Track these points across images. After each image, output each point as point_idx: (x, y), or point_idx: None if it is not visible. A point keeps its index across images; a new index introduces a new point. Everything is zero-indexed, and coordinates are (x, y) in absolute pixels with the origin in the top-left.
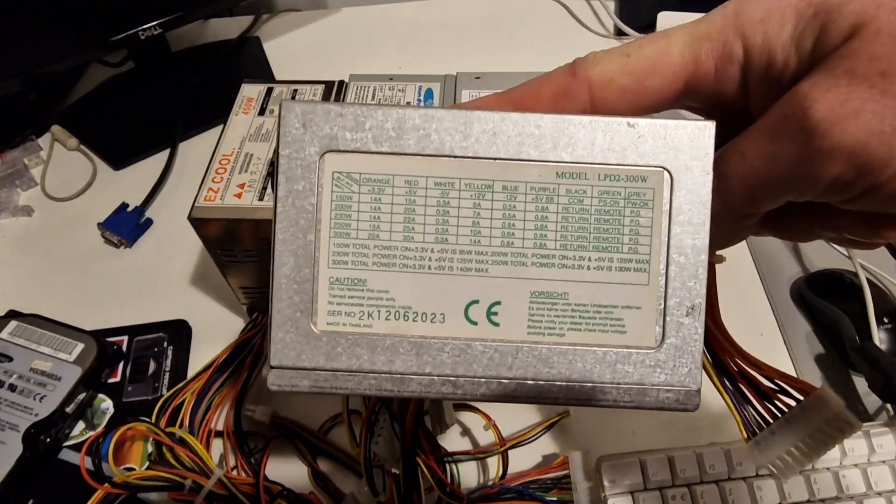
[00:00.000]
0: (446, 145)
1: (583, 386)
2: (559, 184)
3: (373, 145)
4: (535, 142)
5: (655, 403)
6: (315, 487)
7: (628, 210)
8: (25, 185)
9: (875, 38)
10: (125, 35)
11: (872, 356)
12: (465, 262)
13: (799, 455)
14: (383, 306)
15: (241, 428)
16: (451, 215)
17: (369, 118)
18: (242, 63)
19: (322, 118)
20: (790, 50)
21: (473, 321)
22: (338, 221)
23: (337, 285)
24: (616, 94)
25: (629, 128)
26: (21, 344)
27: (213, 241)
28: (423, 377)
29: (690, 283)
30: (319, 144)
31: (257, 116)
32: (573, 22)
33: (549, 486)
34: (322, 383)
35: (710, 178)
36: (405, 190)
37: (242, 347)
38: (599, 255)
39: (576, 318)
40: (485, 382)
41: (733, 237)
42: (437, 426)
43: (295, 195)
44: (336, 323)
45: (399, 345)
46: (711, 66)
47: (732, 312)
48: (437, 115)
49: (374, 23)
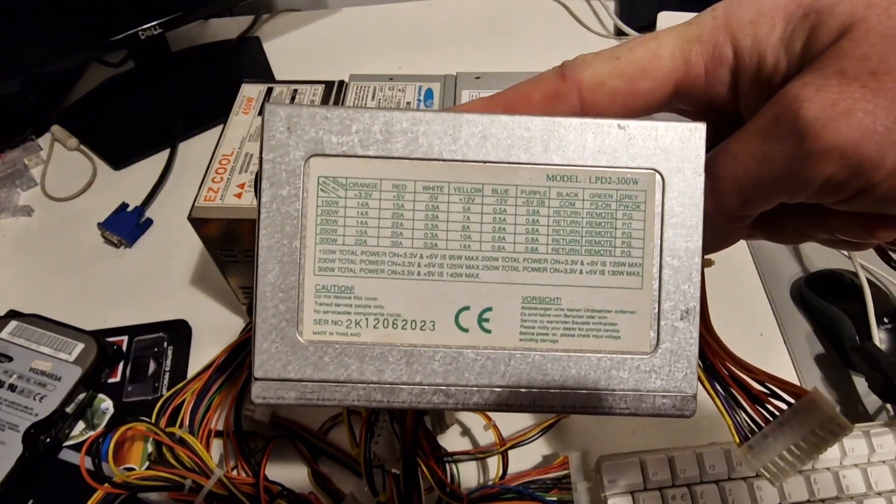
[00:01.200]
0: (435, 148)
1: (577, 393)
2: (550, 187)
3: (359, 149)
4: (525, 144)
5: (652, 410)
6: (315, 487)
7: (620, 213)
8: (25, 185)
9: (865, 38)
10: (125, 35)
11: (872, 356)
12: (456, 268)
13: (792, 458)
14: (371, 314)
15: (241, 428)
16: (441, 220)
17: (356, 121)
18: (242, 63)
19: (307, 122)
20: (780, 51)
21: (464, 328)
22: (324, 227)
23: (323, 293)
24: (606, 97)
25: (620, 130)
26: (21, 344)
27: (213, 241)
28: (413, 387)
29: (684, 286)
30: (305, 148)
31: (257, 116)
32: (573, 22)
33: (549, 486)
34: (309, 395)
35: (701, 179)
36: (393, 194)
37: (242, 347)
38: (592, 258)
39: (569, 323)
40: (477, 391)
41: (726, 240)
42: (437, 426)
43: (280, 200)
44: (323, 332)
45: (388, 354)
46: (702, 68)
47: (732, 312)
48: (426, 118)
49: (374, 23)
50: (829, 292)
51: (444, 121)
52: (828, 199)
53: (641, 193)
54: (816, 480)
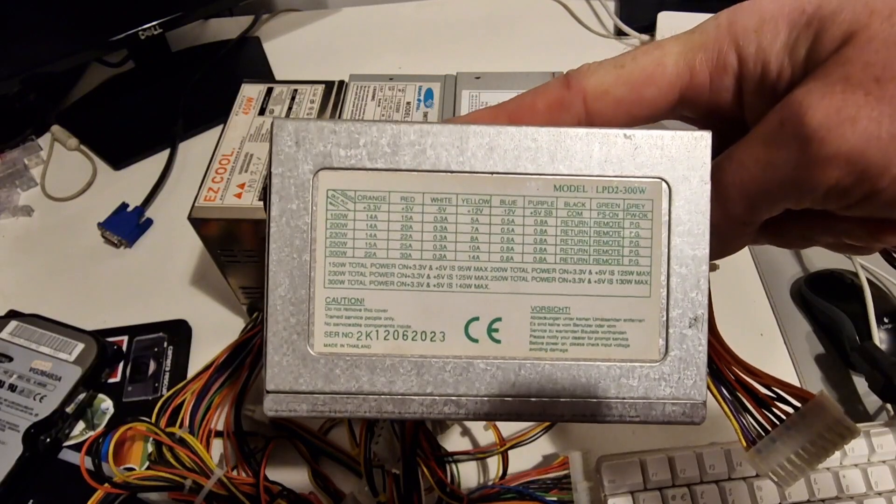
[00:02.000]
0: (442, 160)
1: (587, 402)
2: (557, 197)
3: (368, 162)
4: (533, 155)
5: (662, 417)
6: (315, 487)
7: (628, 222)
8: (25, 185)
9: (868, 45)
10: (125, 35)
11: (872, 356)
12: (465, 279)
13: (800, 462)
14: (382, 326)
15: (241, 428)
16: (449, 231)
17: (364, 134)
18: (242, 63)
19: (315, 135)
20: (784, 58)
21: (474, 338)
22: (333, 240)
23: (334, 305)
24: (611, 106)
25: (626, 139)
26: (21, 344)
27: (213, 241)
28: (424, 398)
29: (692, 293)
30: (313, 162)
31: (257, 116)
32: (573, 22)
33: (549, 486)
34: (321, 407)
35: (708, 187)
36: (402, 206)
37: (242, 347)
38: (600, 268)
39: (578, 332)
40: (488, 401)
41: (732, 246)
42: (437, 426)
43: (289, 214)
44: (334, 344)
45: (399, 365)
46: (706, 75)
47: (732, 313)
48: (433, 130)
49: (374, 23)
50: (830, 292)
51: (451, 132)
52: (833, 204)
53: (648, 202)
54: (816, 480)
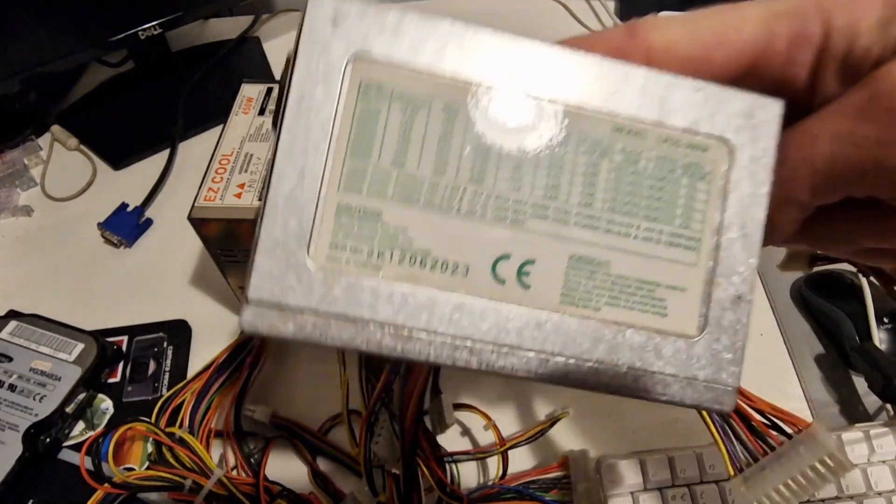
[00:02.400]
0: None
1: (612, 370)
2: (616, 139)
3: (415, 60)
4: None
5: (690, 400)
6: (315, 487)
7: (685, 180)
8: (25, 185)
9: None
10: (125, 35)
11: (872, 356)
12: (501, 210)
13: (788, 493)
14: (398, 246)
15: (241, 428)
16: (493, 154)
17: (417, 29)
18: (242, 63)
19: (356, 18)
20: (874, 36)
21: (501, 279)
22: (358, 139)
23: (346, 214)
24: (677, 63)
25: (695, 91)
26: (21, 344)
27: (213, 241)
28: (434, 336)
29: (741, 268)
30: (348, 48)
31: (257, 116)
32: (573, 22)
33: (549, 486)
34: (309, 330)
35: (772, 159)
36: (444, 117)
37: (242, 347)
38: (649, 224)
39: (615, 291)
40: (505, 353)
41: (777, 233)
42: (437, 426)
43: (310, 101)
44: (338, 259)
45: (410, 294)
46: (784, 44)
47: None
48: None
49: None
50: (829, 292)
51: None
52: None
53: (710, 164)
54: None
